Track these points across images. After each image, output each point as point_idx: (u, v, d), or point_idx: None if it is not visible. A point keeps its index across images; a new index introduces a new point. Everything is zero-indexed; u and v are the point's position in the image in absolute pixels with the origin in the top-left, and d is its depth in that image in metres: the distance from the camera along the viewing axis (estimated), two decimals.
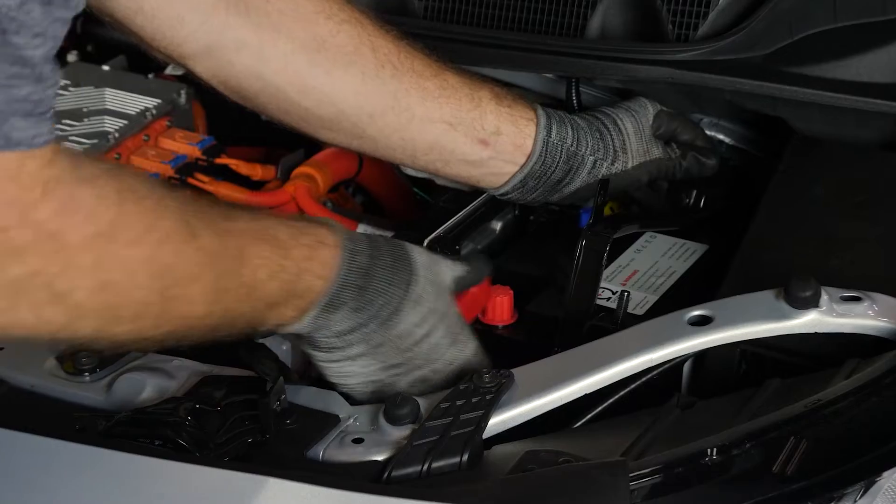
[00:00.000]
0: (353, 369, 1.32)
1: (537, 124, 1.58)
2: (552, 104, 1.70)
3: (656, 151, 1.64)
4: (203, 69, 1.49)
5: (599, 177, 1.60)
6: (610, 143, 1.61)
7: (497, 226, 1.70)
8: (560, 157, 1.58)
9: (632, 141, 1.62)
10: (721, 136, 1.77)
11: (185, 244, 1.14)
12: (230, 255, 1.19)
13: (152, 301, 1.12)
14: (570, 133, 1.59)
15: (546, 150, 1.58)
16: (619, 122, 1.63)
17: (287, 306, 1.25)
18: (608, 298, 1.52)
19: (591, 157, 1.59)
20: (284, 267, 1.23)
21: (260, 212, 1.28)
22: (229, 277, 1.19)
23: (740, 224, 1.52)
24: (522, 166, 1.57)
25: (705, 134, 1.72)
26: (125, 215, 1.09)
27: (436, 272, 1.37)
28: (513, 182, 1.58)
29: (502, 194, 1.61)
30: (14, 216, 1.00)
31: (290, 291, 1.25)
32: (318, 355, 1.32)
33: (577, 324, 1.45)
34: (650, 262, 1.61)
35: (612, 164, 1.61)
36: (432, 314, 1.34)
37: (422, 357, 1.33)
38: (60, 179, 1.03)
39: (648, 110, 1.66)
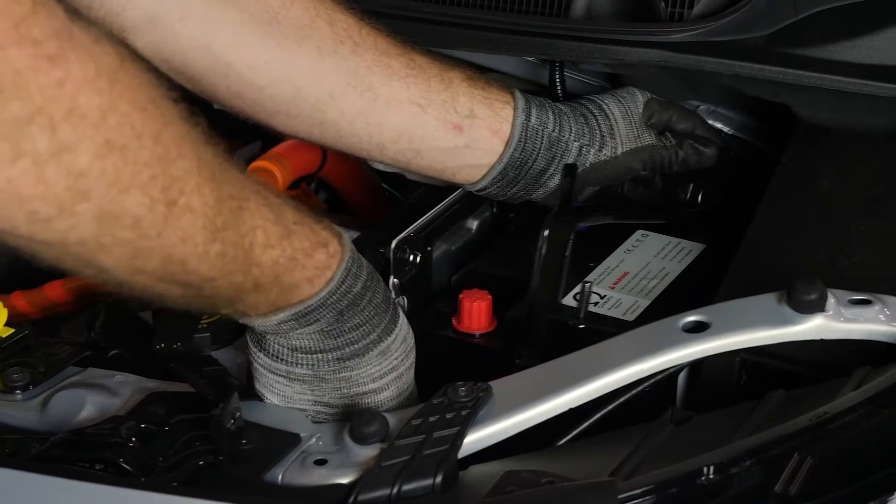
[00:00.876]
0: (283, 389, 1.32)
1: (515, 107, 1.59)
2: (535, 91, 1.71)
3: (648, 138, 1.65)
4: (145, 44, 1.46)
5: (587, 165, 1.61)
6: (596, 127, 1.62)
7: (473, 225, 1.70)
8: (541, 144, 1.59)
9: (620, 126, 1.63)
10: (719, 125, 1.78)
11: (187, 145, 1.11)
12: (230, 192, 1.16)
13: (154, 196, 1.08)
14: (551, 117, 1.60)
15: (526, 136, 1.58)
16: (604, 106, 1.64)
17: (265, 294, 1.24)
18: (595, 303, 1.53)
19: (576, 144, 1.60)
20: (282, 246, 1.22)
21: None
22: (229, 215, 1.15)
23: (740, 221, 1.53)
24: (501, 155, 1.58)
25: (705, 122, 1.73)
26: (127, 74, 1.06)
27: (411, 332, 1.38)
28: (492, 174, 1.59)
29: (481, 189, 1.61)
30: (8, 29, 0.97)
31: (277, 277, 1.23)
32: (261, 358, 1.31)
33: (540, 321, 1.46)
34: (641, 263, 1.62)
35: (600, 150, 1.62)
36: (391, 372, 1.34)
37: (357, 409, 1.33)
38: (47, 2, 1.00)
39: (637, 98, 1.67)
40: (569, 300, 1.52)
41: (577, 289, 1.52)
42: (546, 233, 1.51)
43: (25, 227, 1.04)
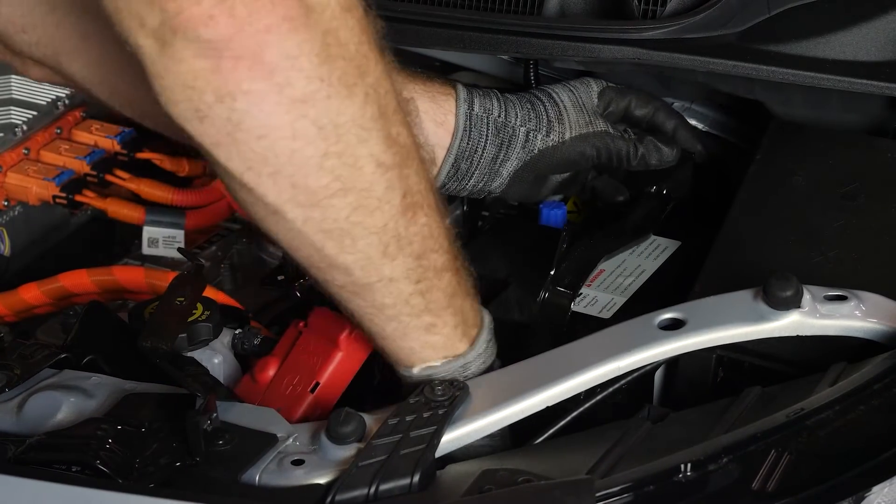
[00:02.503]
0: None
1: (457, 97, 1.59)
2: (510, 89, 1.71)
3: (601, 124, 1.65)
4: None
5: (536, 151, 1.61)
6: (543, 112, 1.62)
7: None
8: (488, 130, 1.59)
9: (569, 112, 1.63)
10: (693, 122, 1.78)
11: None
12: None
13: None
14: (495, 104, 1.60)
15: (471, 124, 1.59)
16: (553, 94, 1.64)
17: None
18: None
19: (523, 129, 1.60)
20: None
21: None
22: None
23: (714, 218, 1.53)
24: (449, 146, 1.58)
25: (667, 107, 1.72)
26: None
27: None
28: (444, 169, 1.59)
29: (439, 187, 1.61)
30: None
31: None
32: None
33: None
34: (618, 261, 1.62)
35: (548, 135, 1.61)
36: None
37: None
38: None
39: (591, 87, 1.67)
40: None
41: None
42: (544, 296, 1.52)
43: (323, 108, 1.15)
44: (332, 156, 1.17)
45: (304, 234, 1.21)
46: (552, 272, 1.54)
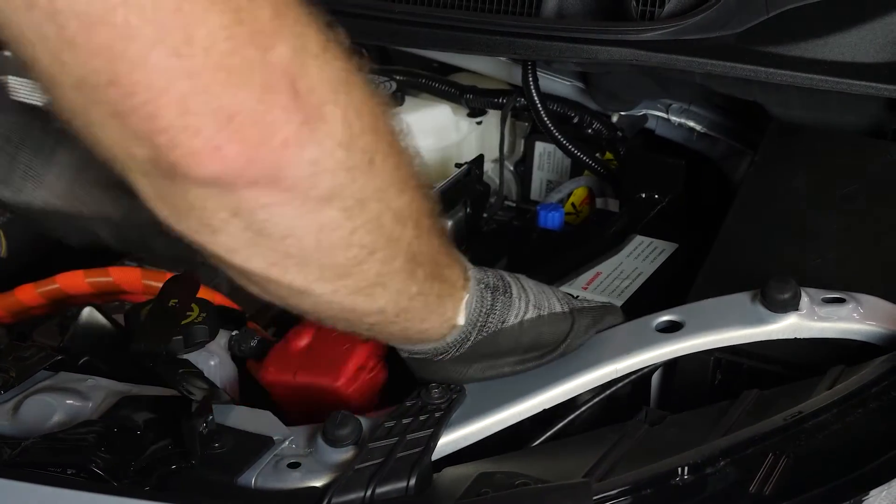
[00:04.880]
0: None
1: None
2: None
3: None
4: None
5: None
6: None
7: (447, 225, 1.70)
8: None
9: None
10: (691, 124, 1.79)
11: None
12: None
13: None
14: None
15: None
16: None
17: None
18: None
19: None
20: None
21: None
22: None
23: (713, 220, 1.53)
24: None
25: None
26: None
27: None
28: None
29: None
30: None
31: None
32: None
33: None
34: (614, 263, 1.62)
35: None
36: None
37: None
38: None
39: None
40: None
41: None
42: None
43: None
44: (359, 229, 1.09)
45: (335, 301, 1.14)
46: None
